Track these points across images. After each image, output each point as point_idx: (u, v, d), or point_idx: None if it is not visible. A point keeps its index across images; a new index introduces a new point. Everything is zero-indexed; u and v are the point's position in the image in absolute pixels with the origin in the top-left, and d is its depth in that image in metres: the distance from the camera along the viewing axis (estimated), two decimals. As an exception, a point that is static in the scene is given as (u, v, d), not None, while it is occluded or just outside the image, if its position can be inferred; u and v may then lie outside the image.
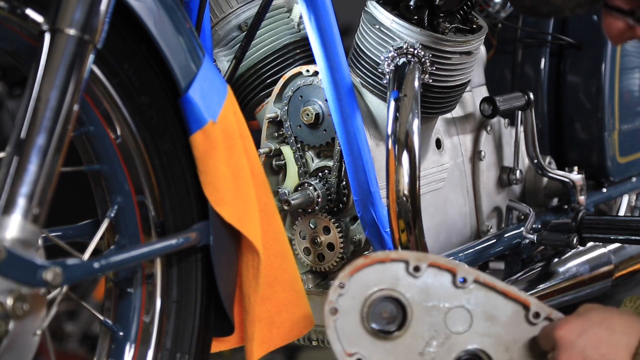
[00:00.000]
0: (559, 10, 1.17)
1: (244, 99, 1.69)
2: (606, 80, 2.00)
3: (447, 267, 1.25)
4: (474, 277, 1.25)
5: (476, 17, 1.64)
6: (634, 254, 1.94)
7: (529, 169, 1.93)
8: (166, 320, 1.32)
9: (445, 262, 1.25)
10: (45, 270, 1.08)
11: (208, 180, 1.26)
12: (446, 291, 1.24)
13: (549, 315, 1.24)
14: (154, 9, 1.22)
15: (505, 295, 1.25)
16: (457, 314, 1.24)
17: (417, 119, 1.48)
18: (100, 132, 1.26)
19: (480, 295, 1.25)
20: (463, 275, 1.24)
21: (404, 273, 1.24)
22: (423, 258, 1.24)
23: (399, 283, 1.24)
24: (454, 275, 1.24)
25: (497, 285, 1.25)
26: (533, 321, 1.24)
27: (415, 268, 1.24)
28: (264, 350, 1.36)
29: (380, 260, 1.24)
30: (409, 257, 1.24)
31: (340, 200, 1.61)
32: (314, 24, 1.50)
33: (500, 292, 1.25)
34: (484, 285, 1.25)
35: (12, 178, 1.07)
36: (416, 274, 1.24)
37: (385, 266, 1.24)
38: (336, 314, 1.22)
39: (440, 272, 1.25)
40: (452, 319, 1.24)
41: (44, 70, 1.11)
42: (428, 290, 1.24)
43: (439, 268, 1.25)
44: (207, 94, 1.27)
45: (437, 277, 1.24)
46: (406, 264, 1.24)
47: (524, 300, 1.25)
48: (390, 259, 1.24)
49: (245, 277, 1.33)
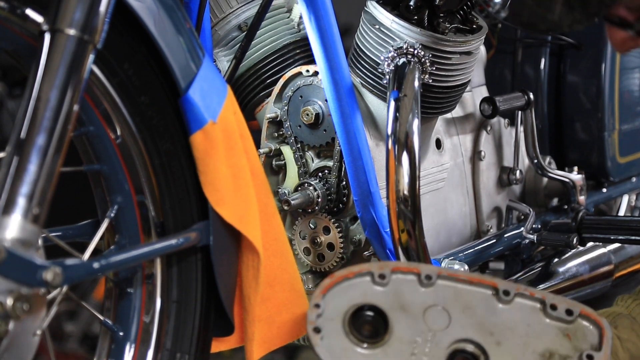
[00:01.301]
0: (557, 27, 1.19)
1: (244, 99, 1.69)
2: (606, 80, 2.00)
3: (410, 269, 1.29)
4: (436, 272, 1.28)
5: (476, 17, 1.64)
6: (634, 254, 1.94)
7: (529, 169, 1.93)
8: (166, 320, 1.32)
9: (406, 264, 1.30)
10: (45, 270, 1.08)
11: (208, 180, 1.26)
12: (416, 292, 1.28)
13: (517, 290, 1.27)
14: (154, 9, 1.22)
15: (470, 282, 1.28)
16: (434, 312, 1.27)
17: (417, 119, 1.48)
18: (100, 132, 1.26)
19: (449, 289, 1.28)
20: (426, 273, 1.28)
21: (371, 284, 1.28)
22: (385, 266, 1.29)
23: (369, 294, 1.27)
24: (418, 275, 1.28)
25: (459, 275, 1.29)
26: (505, 299, 1.27)
27: (381, 276, 1.28)
28: (264, 350, 1.36)
29: (345, 276, 1.28)
30: (371, 267, 1.29)
31: (340, 200, 1.61)
32: (314, 24, 1.50)
33: (465, 280, 1.28)
34: (449, 278, 1.28)
35: (12, 178, 1.07)
36: (383, 282, 1.28)
37: (352, 281, 1.28)
38: (320, 332, 1.25)
39: (405, 275, 1.29)
40: (431, 318, 1.26)
41: (44, 70, 1.11)
42: (399, 294, 1.27)
43: (402, 272, 1.29)
44: (207, 94, 1.27)
45: (404, 281, 1.28)
46: (371, 275, 1.28)
47: (490, 282, 1.28)
48: (354, 273, 1.28)
49: (245, 277, 1.33)
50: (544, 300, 1.27)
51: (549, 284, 1.78)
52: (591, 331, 1.26)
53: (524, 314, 1.27)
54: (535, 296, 1.28)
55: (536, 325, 1.26)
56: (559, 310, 1.26)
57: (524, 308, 1.27)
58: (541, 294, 1.28)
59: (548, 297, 1.28)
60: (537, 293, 1.28)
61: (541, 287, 1.76)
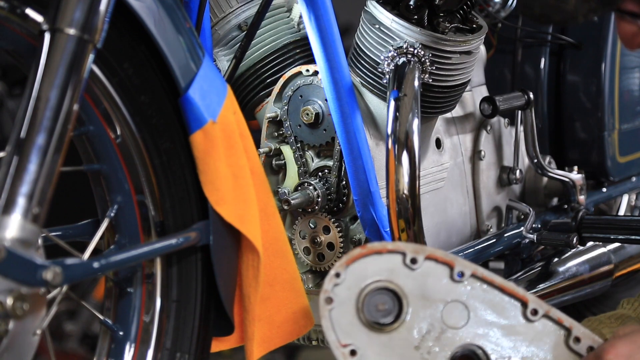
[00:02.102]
0: (571, 17, 1.16)
1: (244, 99, 1.69)
2: (606, 80, 2.00)
3: (445, 260, 1.23)
4: (471, 271, 1.23)
5: (476, 16, 1.64)
6: (634, 254, 1.94)
7: (528, 169, 1.93)
8: (166, 320, 1.32)
9: (442, 254, 1.23)
10: (45, 269, 1.08)
11: (208, 180, 1.26)
12: (443, 285, 1.23)
13: (546, 312, 1.23)
14: (154, 9, 1.22)
15: (502, 290, 1.24)
16: (454, 308, 1.22)
17: (417, 119, 1.48)
18: (100, 132, 1.26)
19: (478, 290, 1.23)
20: (460, 269, 1.23)
21: (401, 265, 1.22)
22: (420, 250, 1.23)
23: (395, 275, 1.22)
24: (451, 268, 1.23)
25: (495, 280, 1.24)
26: (531, 318, 1.23)
27: (412, 260, 1.22)
28: (264, 349, 1.36)
29: (377, 250, 1.22)
30: (406, 248, 1.23)
31: (340, 199, 1.61)
32: (314, 24, 1.50)
33: (498, 287, 1.24)
34: (482, 279, 1.23)
35: (12, 178, 1.07)
36: (413, 266, 1.22)
37: (382, 257, 1.22)
38: (331, 303, 1.20)
39: (438, 265, 1.23)
40: (449, 314, 1.22)
41: (44, 70, 1.11)
42: (425, 283, 1.22)
43: (437, 261, 1.23)
44: (207, 93, 1.27)
45: (434, 270, 1.23)
46: (403, 255, 1.22)
47: (522, 297, 1.24)
48: (387, 250, 1.22)
49: (245, 276, 1.33)
50: (570, 330, 1.23)
51: (549, 284, 1.78)
52: None
53: (544, 336, 1.24)
54: (563, 324, 1.24)
55: (553, 350, 1.23)
56: (581, 345, 1.23)
57: (547, 331, 1.24)
58: (569, 322, 1.24)
59: (575, 328, 1.24)
60: (566, 321, 1.24)
61: (541, 287, 1.76)
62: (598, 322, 1.40)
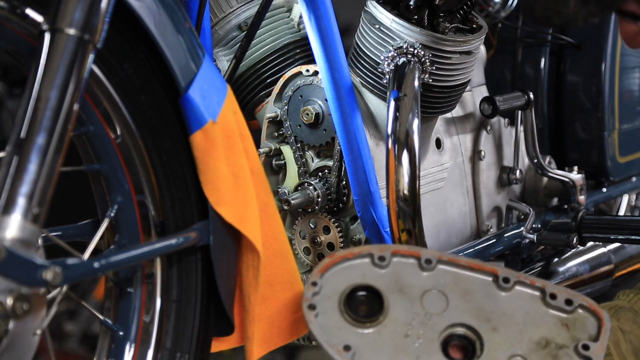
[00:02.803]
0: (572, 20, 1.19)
1: (244, 99, 1.69)
2: (606, 80, 2.00)
3: (410, 253, 1.29)
4: (437, 257, 1.28)
5: (476, 16, 1.64)
6: (634, 254, 1.94)
7: (529, 169, 1.93)
8: (166, 320, 1.32)
9: (407, 248, 1.30)
10: (45, 269, 1.08)
11: (208, 180, 1.26)
12: (415, 275, 1.28)
13: (518, 278, 1.27)
14: (154, 9, 1.22)
15: (471, 268, 1.28)
16: (431, 296, 1.26)
17: (417, 119, 1.48)
18: (100, 132, 1.26)
19: (449, 274, 1.28)
20: (427, 257, 1.28)
21: (371, 265, 1.28)
22: (385, 248, 1.29)
23: (368, 275, 1.27)
24: (418, 258, 1.28)
25: (460, 260, 1.28)
26: (504, 286, 1.27)
27: (380, 258, 1.28)
28: (264, 349, 1.36)
29: (345, 256, 1.28)
30: (372, 249, 1.28)
31: (340, 200, 1.61)
32: (314, 24, 1.50)
33: (465, 266, 1.28)
34: (449, 262, 1.28)
35: (12, 178, 1.07)
36: (382, 264, 1.28)
37: (351, 261, 1.28)
38: (315, 309, 1.24)
39: (405, 258, 1.29)
40: (429, 302, 1.26)
41: (44, 70, 1.10)
42: (398, 277, 1.27)
43: (403, 255, 1.29)
44: (207, 93, 1.27)
45: (404, 264, 1.28)
46: (371, 256, 1.28)
47: (491, 269, 1.28)
48: (354, 254, 1.28)
49: (245, 276, 1.33)
50: (544, 289, 1.27)
51: (549, 284, 1.78)
52: (590, 322, 1.26)
53: (523, 301, 1.27)
54: (536, 285, 1.28)
55: (534, 313, 1.26)
56: (558, 300, 1.26)
57: (523, 296, 1.27)
58: (541, 282, 1.28)
59: (548, 286, 1.28)
60: (538, 282, 1.28)
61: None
62: None
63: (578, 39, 2.01)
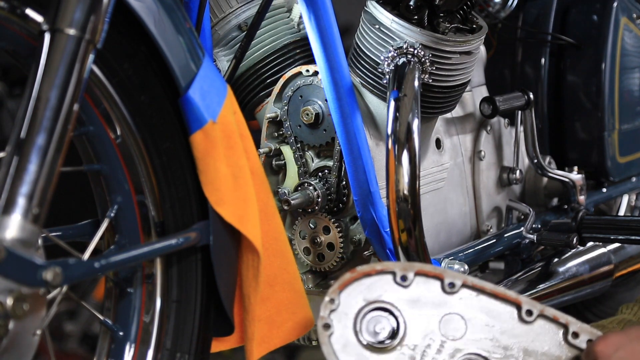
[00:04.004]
0: None
1: (244, 99, 1.69)
2: (606, 80, 2.00)
3: (434, 274, 1.24)
4: (462, 281, 1.24)
5: (476, 17, 1.65)
6: (634, 254, 1.94)
7: (529, 169, 1.93)
8: (166, 320, 1.32)
9: (431, 269, 1.25)
10: (45, 270, 1.08)
11: (208, 180, 1.26)
12: (436, 298, 1.24)
13: (541, 312, 1.24)
14: (154, 9, 1.22)
15: (495, 296, 1.24)
16: (451, 320, 1.23)
17: (417, 119, 1.48)
18: (100, 132, 1.26)
19: (471, 299, 1.24)
20: (451, 280, 1.24)
21: (392, 284, 1.23)
22: (409, 267, 1.24)
23: (388, 294, 1.23)
24: (442, 281, 1.24)
25: (486, 287, 1.25)
26: (527, 319, 1.24)
27: (403, 277, 1.23)
28: (263, 350, 1.36)
29: (367, 273, 1.23)
30: (395, 267, 1.24)
31: (340, 200, 1.61)
32: (314, 24, 1.50)
33: (490, 293, 1.24)
34: (473, 288, 1.24)
35: (12, 178, 1.07)
36: (404, 284, 1.23)
37: (372, 278, 1.23)
38: (329, 329, 1.21)
39: (428, 279, 1.24)
40: (447, 326, 1.23)
41: (44, 70, 1.11)
42: (418, 298, 1.23)
43: (427, 275, 1.24)
44: (207, 93, 1.27)
45: (426, 285, 1.24)
46: (393, 274, 1.24)
47: (515, 300, 1.25)
48: (376, 270, 1.23)
49: (245, 277, 1.33)
50: (567, 327, 1.24)
51: (549, 284, 1.78)
52: None
53: (544, 337, 1.24)
54: (559, 321, 1.25)
55: (554, 351, 1.24)
56: (580, 339, 1.24)
57: (544, 331, 1.24)
58: (565, 319, 1.24)
59: (572, 323, 1.24)
60: (561, 318, 1.24)
61: (541, 287, 1.76)
62: (601, 328, 1.41)
63: (578, 39, 2.01)
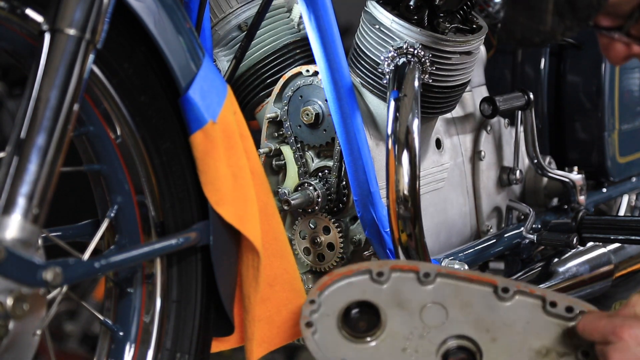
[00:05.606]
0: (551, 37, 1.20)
1: (244, 99, 1.69)
2: (606, 80, 2.00)
3: (409, 267, 1.28)
4: (435, 270, 1.28)
5: (476, 17, 1.64)
6: (634, 254, 1.94)
7: (529, 169, 1.93)
8: (166, 320, 1.32)
9: (405, 262, 1.30)
10: (45, 270, 1.08)
11: (208, 180, 1.26)
12: (414, 289, 1.27)
13: (517, 287, 1.27)
14: (154, 9, 1.22)
15: (470, 279, 1.28)
16: (430, 309, 1.26)
17: (417, 119, 1.48)
18: (100, 132, 1.26)
19: (448, 286, 1.28)
20: (425, 271, 1.28)
21: (370, 281, 1.28)
22: (384, 264, 1.29)
23: (367, 291, 1.27)
24: (417, 272, 1.28)
25: (459, 273, 1.28)
26: (504, 297, 1.26)
27: (379, 274, 1.28)
28: (264, 350, 1.36)
29: (344, 274, 1.28)
30: (370, 265, 1.28)
31: (340, 200, 1.61)
32: (314, 24, 1.50)
33: (464, 278, 1.28)
34: (448, 275, 1.28)
35: (12, 178, 1.07)
36: (381, 279, 1.28)
37: (350, 279, 1.28)
38: (312, 326, 1.25)
39: (404, 273, 1.29)
40: (428, 315, 1.26)
41: (44, 70, 1.11)
42: (397, 292, 1.27)
43: (402, 270, 1.29)
44: (207, 93, 1.27)
45: (403, 278, 1.28)
46: (369, 272, 1.28)
47: (490, 280, 1.28)
48: (352, 271, 1.28)
49: (245, 277, 1.33)
50: (544, 298, 1.26)
51: (549, 284, 1.78)
52: None
53: (523, 311, 1.26)
54: (536, 293, 1.27)
55: (535, 322, 1.26)
56: (558, 307, 1.26)
57: (523, 305, 1.27)
58: (541, 291, 1.27)
59: (548, 294, 1.27)
60: (538, 290, 1.27)
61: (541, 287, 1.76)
62: None
63: (578, 39, 2.01)
